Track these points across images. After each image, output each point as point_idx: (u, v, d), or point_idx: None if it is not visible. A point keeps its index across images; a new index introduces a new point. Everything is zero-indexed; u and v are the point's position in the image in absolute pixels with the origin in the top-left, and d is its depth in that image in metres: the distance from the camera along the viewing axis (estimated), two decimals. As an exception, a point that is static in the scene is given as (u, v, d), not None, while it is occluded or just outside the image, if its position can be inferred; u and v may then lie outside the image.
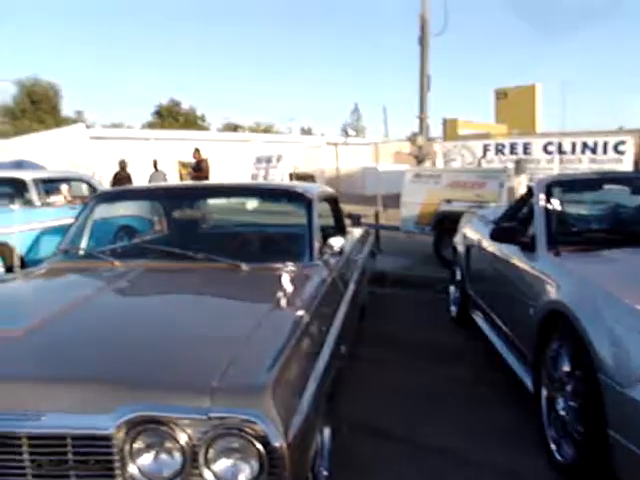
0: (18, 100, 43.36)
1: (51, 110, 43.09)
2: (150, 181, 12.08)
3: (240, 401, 1.54)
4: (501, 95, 29.22)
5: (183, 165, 17.33)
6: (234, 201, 4.78)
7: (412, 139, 9.83)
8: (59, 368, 1.80)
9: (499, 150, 9.82)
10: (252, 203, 5.40)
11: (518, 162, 8.02)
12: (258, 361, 1.76)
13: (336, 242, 3.24)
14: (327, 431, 2.29)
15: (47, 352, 1.93)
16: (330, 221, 4.38)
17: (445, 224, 7.17)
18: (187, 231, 3.99)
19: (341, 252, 3.34)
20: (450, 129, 24.05)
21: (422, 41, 9.62)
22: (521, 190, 7.26)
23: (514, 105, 27.61)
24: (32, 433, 1.58)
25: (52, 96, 43.79)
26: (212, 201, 4.60)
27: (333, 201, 4.43)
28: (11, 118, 42.30)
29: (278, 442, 1.49)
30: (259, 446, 1.50)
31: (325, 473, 2.20)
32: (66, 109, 46.25)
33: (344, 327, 2.75)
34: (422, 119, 9.63)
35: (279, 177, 13.10)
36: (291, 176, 16.25)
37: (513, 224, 3.91)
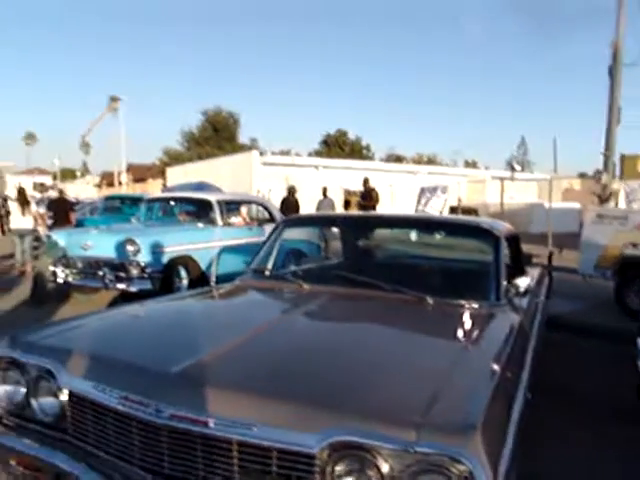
0: (201, 129, 47.68)
1: (230, 137, 46.81)
2: (318, 208, 12.56)
3: (448, 438, 1.51)
4: (694, 129, 26.34)
5: (349, 193, 17.79)
6: (396, 231, 4.78)
7: (597, 177, 9.17)
8: (271, 384, 1.90)
9: (696, 191, 8.85)
10: (414, 234, 5.35)
11: None
12: (463, 399, 1.73)
13: (522, 282, 3.11)
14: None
15: (257, 367, 2.06)
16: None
17: (630, 269, 6.59)
18: (366, 259, 4.08)
19: (526, 293, 3.20)
20: (629, 166, 22.16)
21: (613, 70, 8.89)
22: None
23: None
24: (242, 441, 1.69)
25: (231, 124, 47.60)
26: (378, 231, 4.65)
27: (513, 239, 4.26)
28: (194, 145, 46.58)
29: None
30: None
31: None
32: (242, 136, 50.02)
33: (532, 372, 2.62)
34: (607, 156, 8.92)
35: (440, 208, 12.89)
36: (454, 209, 15.95)
37: None
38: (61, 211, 10.96)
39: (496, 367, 2.07)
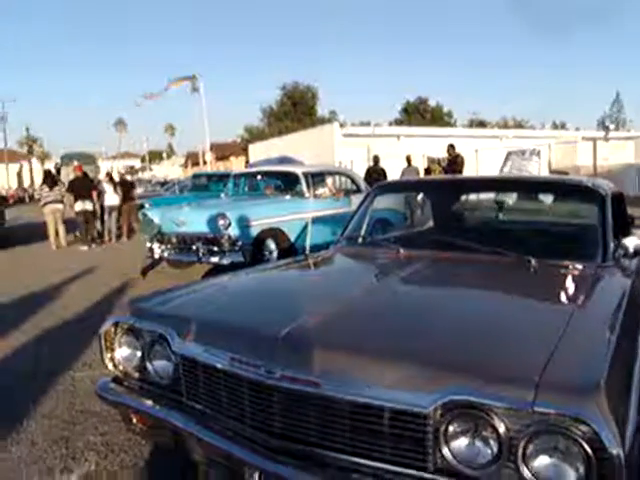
0: (280, 104, 48.01)
1: (308, 111, 46.93)
2: (403, 175, 12.42)
3: (569, 397, 1.45)
4: None
5: (432, 161, 17.44)
6: (491, 193, 4.62)
7: None
8: (381, 344, 1.90)
9: None
10: (512, 196, 5.16)
11: None
12: (582, 358, 1.65)
13: (631, 242, 2.93)
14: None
15: (366, 328, 2.07)
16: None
17: None
18: (461, 223, 4.00)
19: (636, 254, 3.02)
20: None
21: None
22: None
23: None
24: (354, 401, 1.69)
25: (310, 98, 47.61)
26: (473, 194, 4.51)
27: (617, 198, 4.02)
28: (274, 120, 47.05)
29: (615, 449, 1.36)
30: (588, 449, 1.40)
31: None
32: (321, 109, 49.92)
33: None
34: None
35: (535, 171, 12.34)
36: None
37: None
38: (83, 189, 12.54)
39: (612, 328, 1.96)
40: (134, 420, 2.37)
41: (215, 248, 7.34)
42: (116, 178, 14.58)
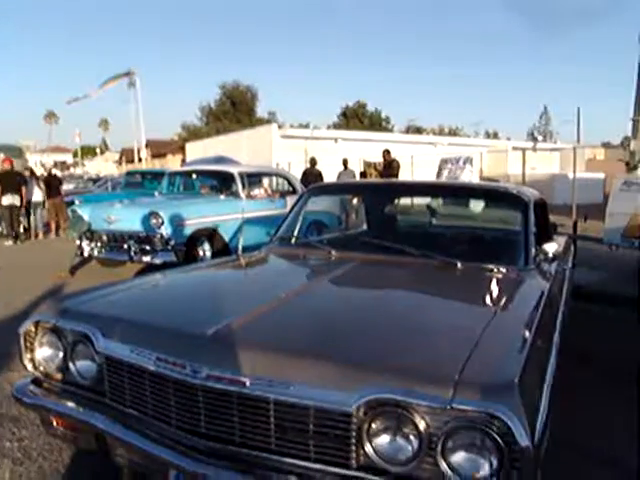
0: (219, 103, 47.44)
1: (248, 111, 46.57)
2: (339, 178, 12.54)
3: (485, 395, 1.51)
4: None
5: (368, 165, 17.67)
6: (422, 198, 4.76)
7: (625, 144, 9.02)
8: (307, 344, 1.92)
9: None
10: (441, 201, 5.33)
11: None
12: (499, 358, 1.72)
13: (550, 248, 3.10)
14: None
15: (292, 328, 2.09)
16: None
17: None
18: (392, 227, 4.08)
19: (554, 259, 3.18)
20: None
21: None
22: None
23: None
24: (279, 400, 1.71)
25: (249, 98, 47.27)
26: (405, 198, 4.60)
27: (541, 205, 4.21)
28: (212, 119, 46.43)
29: (525, 442, 1.44)
30: (501, 443, 1.46)
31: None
32: (260, 110, 49.68)
33: (562, 336, 2.62)
34: (637, 121, 8.75)
35: (467, 179, 12.71)
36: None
37: None
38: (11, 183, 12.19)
39: (529, 329, 2.06)
40: (54, 423, 2.29)
41: (147, 247, 7.18)
42: (42, 172, 14.15)
